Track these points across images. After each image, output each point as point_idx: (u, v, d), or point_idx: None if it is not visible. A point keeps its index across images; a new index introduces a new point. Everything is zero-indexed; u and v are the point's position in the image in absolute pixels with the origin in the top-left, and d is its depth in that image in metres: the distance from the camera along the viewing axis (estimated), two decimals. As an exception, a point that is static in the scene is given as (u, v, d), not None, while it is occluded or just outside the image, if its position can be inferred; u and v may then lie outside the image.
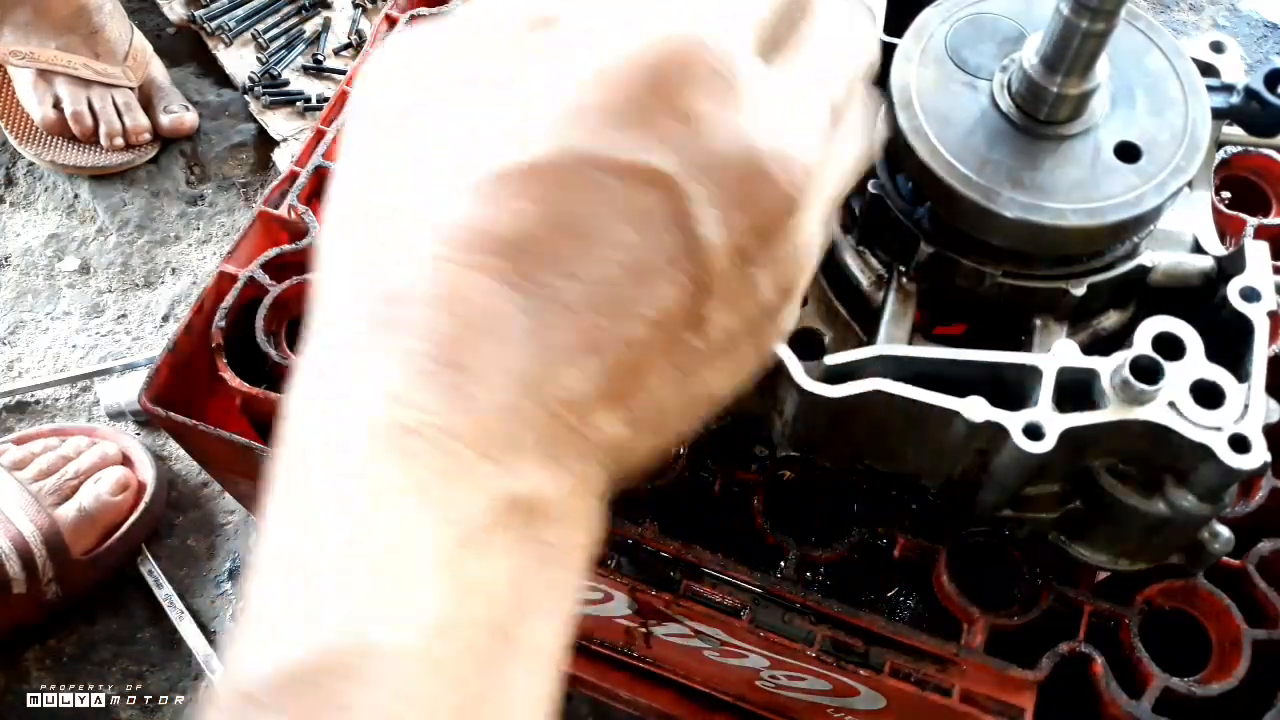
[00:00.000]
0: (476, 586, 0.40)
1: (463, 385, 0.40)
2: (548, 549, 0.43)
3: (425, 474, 0.40)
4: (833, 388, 0.74)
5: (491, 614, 0.41)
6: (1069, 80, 0.70)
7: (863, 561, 0.95)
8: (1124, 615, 0.88)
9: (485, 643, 0.40)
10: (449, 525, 0.40)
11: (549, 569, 0.43)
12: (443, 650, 0.39)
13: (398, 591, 0.39)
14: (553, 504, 0.43)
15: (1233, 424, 0.68)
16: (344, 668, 0.37)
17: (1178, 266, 0.80)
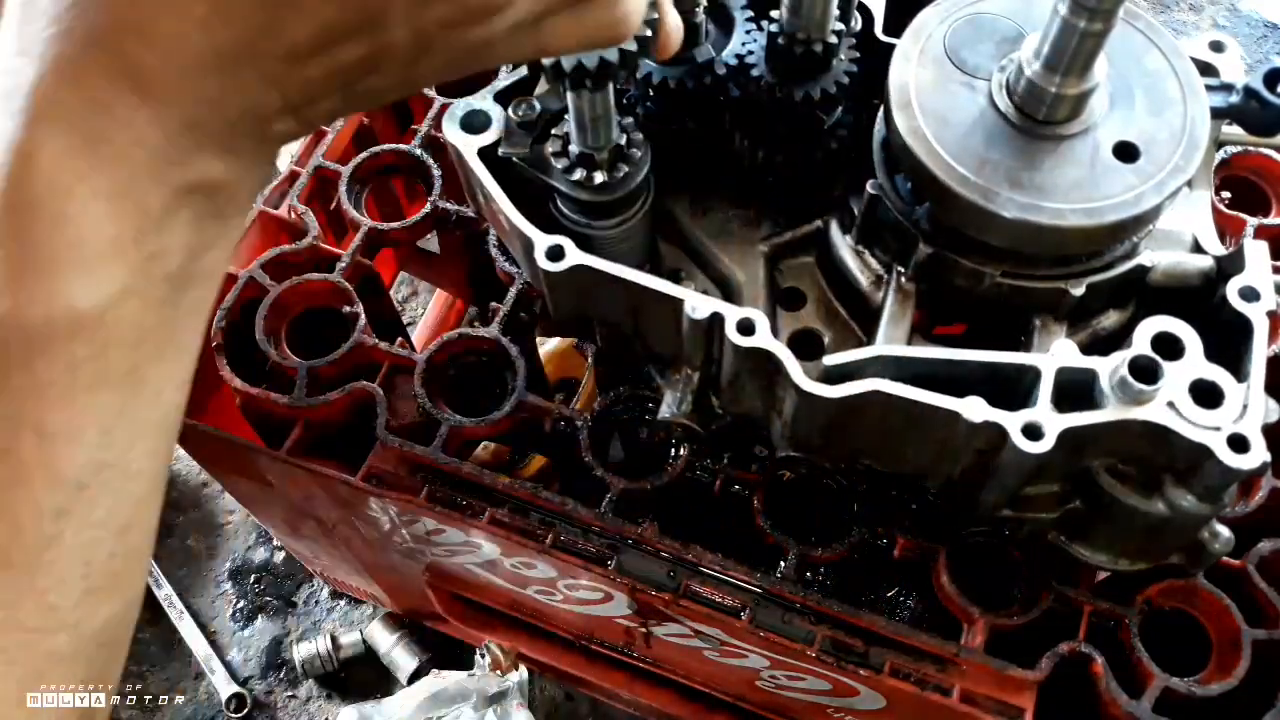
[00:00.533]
0: (156, 256, 0.50)
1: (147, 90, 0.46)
2: (220, 211, 0.53)
3: (114, 174, 0.47)
4: (831, 388, 0.74)
5: (171, 267, 0.51)
6: (1067, 80, 0.70)
7: (863, 561, 0.94)
8: (1124, 615, 0.88)
9: (165, 289, 0.51)
10: (137, 214, 0.48)
11: (220, 223, 0.53)
12: (118, 314, 0.49)
13: (80, 272, 0.48)
14: (226, 182, 0.52)
15: (1232, 424, 0.68)
16: (36, 333, 0.48)
17: (1177, 266, 0.80)
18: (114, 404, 0.52)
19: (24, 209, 0.47)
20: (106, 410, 0.52)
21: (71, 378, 0.50)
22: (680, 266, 0.93)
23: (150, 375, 0.54)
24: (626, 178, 0.80)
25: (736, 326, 0.76)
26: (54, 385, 0.49)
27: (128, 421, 0.53)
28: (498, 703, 1.38)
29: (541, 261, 0.79)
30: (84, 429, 0.51)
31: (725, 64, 0.83)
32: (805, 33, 0.79)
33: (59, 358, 0.49)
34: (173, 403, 0.56)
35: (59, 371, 0.49)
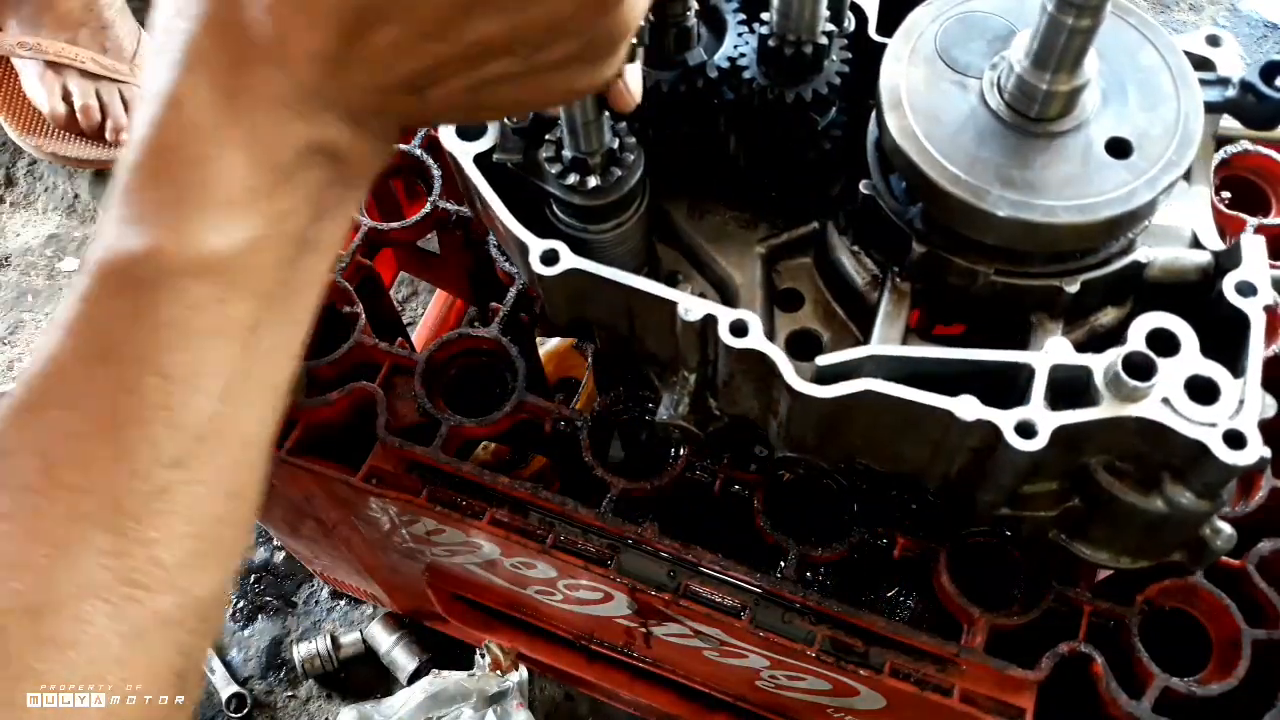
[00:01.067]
0: (284, 213, 0.53)
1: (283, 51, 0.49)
2: (341, 179, 0.55)
3: (250, 125, 0.50)
4: (823, 388, 0.74)
5: (296, 226, 0.54)
6: (1058, 77, 0.70)
7: (863, 561, 0.94)
8: (1124, 615, 0.88)
9: (288, 250, 0.54)
10: (269, 167, 0.51)
11: (341, 191, 0.56)
12: (247, 262, 0.52)
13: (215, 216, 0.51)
14: (348, 150, 0.54)
15: (1228, 420, 0.68)
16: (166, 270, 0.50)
17: (1175, 262, 0.80)
18: (232, 357, 0.53)
19: (168, 152, 0.50)
20: (225, 362, 0.53)
21: (194, 320, 0.51)
22: (678, 269, 0.93)
23: (267, 336, 0.55)
24: (619, 181, 0.80)
25: (729, 328, 0.76)
26: (177, 326, 0.51)
27: (244, 379, 0.54)
28: (498, 703, 1.38)
29: (536, 266, 0.80)
30: (204, 378, 0.52)
31: (717, 67, 0.84)
32: (795, 34, 0.79)
33: (185, 297, 0.51)
34: (285, 373, 0.58)
35: (182, 311, 0.51)
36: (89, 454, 0.51)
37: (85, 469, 0.51)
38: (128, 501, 0.51)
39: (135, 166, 0.51)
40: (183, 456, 0.52)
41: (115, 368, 0.51)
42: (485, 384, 1.04)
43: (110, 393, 0.51)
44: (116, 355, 0.51)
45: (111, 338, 0.51)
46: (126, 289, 0.51)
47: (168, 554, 0.52)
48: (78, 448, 0.51)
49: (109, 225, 0.52)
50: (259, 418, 0.57)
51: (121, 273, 0.51)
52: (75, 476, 0.51)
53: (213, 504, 0.54)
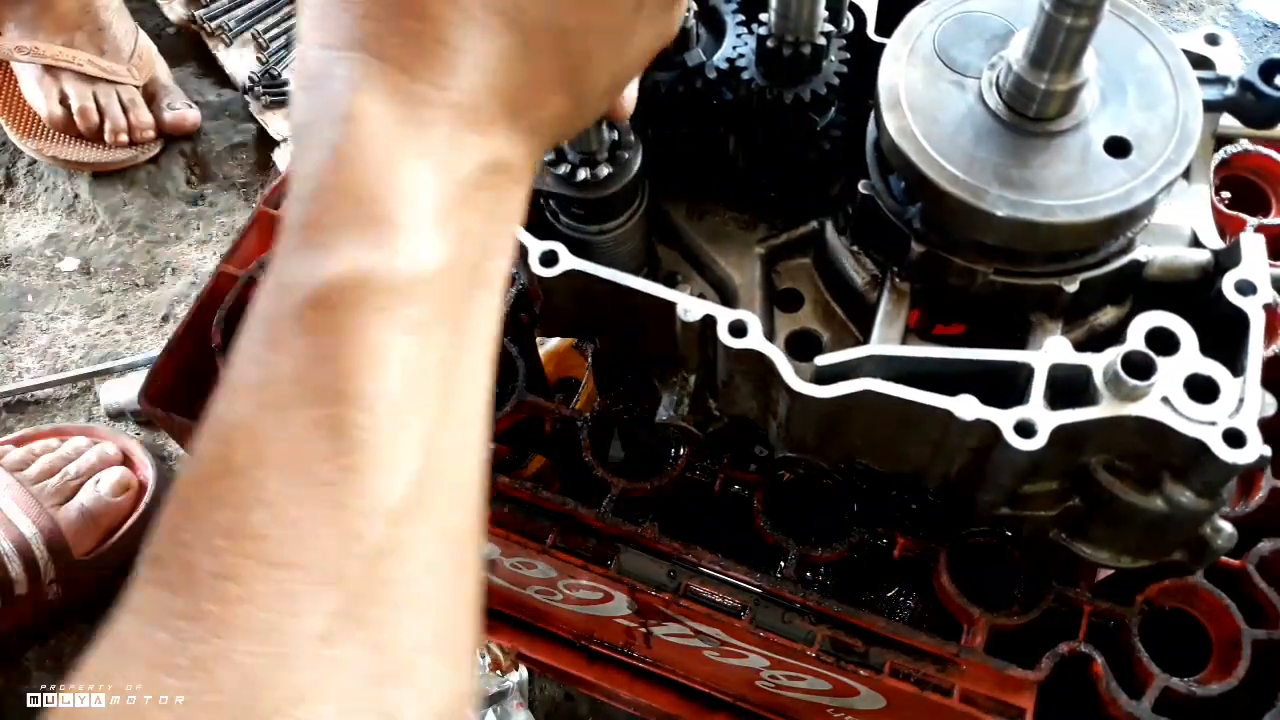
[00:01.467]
0: (467, 234, 0.49)
1: (454, 64, 0.48)
2: (509, 202, 0.52)
3: (435, 143, 0.48)
4: (822, 389, 0.74)
5: (473, 255, 0.50)
6: (1056, 76, 0.70)
7: (863, 561, 0.94)
8: (1124, 615, 0.87)
9: (467, 278, 0.49)
10: (452, 184, 0.48)
11: (507, 218, 0.53)
12: (442, 284, 0.47)
13: (414, 234, 0.47)
14: (514, 166, 0.52)
15: (1227, 418, 0.68)
16: (368, 290, 0.45)
17: (1174, 261, 0.80)
18: (437, 393, 0.48)
19: (352, 173, 0.47)
20: (431, 397, 0.48)
21: (401, 348, 0.46)
22: (677, 270, 0.93)
23: (464, 365, 0.50)
24: (614, 176, 0.80)
25: (728, 328, 0.76)
26: (385, 354, 0.46)
27: (449, 425, 0.48)
28: (498, 703, 1.38)
29: (535, 267, 0.80)
30: (412, 416, 0.46)
31: (716, 68, 0.84)
32: (794, 35, 0.79)
33: (393, 321, 0.46)
34: (482, 410, 0.52)
35: (392, 337, 0.46)
36: (293, 513, 0.44)
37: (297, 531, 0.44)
38: (346, 568, 0.44)
39: (317, 191, 0.47)
40: (399, 510, 0.45)
41: (316, 408, 0.45)
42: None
43: (312, 439, 0.44)
44: (317, 394, 0.45)
45: (310, 375, 0.45)
46: (328, 318, 0.45)
47: (397, 635, 0.45)
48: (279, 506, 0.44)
49: (295, 252, 0.47)
50: (468, 477, 0.51)
51: (322, 300, 0.45)
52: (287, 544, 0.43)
53: (442, 573, 0.48)
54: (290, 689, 0.41)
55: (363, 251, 0.46)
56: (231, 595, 0.42)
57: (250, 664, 0.41)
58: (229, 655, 0.41)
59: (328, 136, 0.47)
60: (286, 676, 0.41)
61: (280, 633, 0.42)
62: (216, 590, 0.42)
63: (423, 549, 0.47)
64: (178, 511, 0.45)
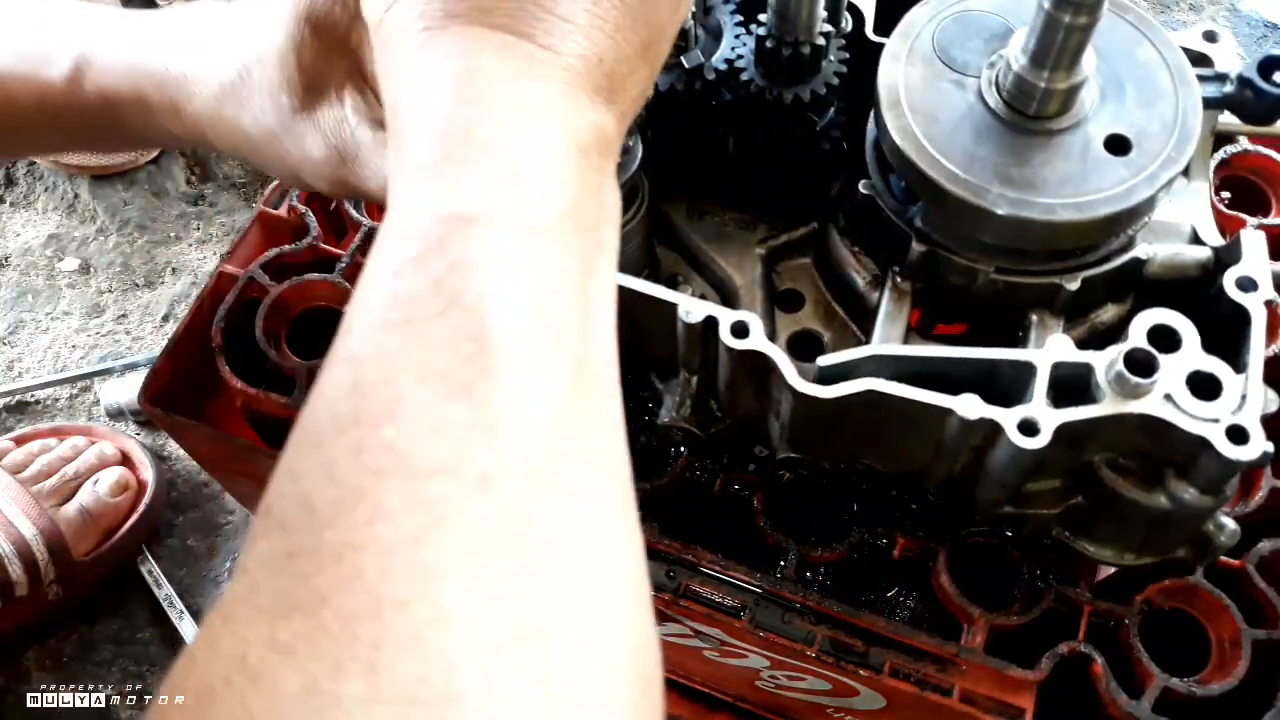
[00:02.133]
0: (587, 188, 0.48)
1: (560, 29, 0.48)
2: (610, 172, 0.51)
3: (553, 101, 0.48)
4: (826, 389, 0.74)
5: (592, 216, 0.48)
6: (1055, 75, 0.70)
7: (863, 561, 0.94)
8: (1124, 615, 0.87)
9: (591, 235, 0.48)
10: (570, 141, 0.47)
11: (612, 188, 0.51)
12: (566, 231, 0.46)
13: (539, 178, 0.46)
14: (614, 139, 0.51)
15: (1230, 415, 0.68)
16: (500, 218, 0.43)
17: (1175, 258, 0.80)
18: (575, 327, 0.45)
19: (476, 119, 0.46)
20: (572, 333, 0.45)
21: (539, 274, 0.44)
22: (678, 271, 0.93)
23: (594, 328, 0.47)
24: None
25: (730, 329, 0.76)
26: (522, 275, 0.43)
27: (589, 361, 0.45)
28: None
29: None
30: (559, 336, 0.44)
31: (715, 69, 0.84)
32: (792, 35, 0.79)
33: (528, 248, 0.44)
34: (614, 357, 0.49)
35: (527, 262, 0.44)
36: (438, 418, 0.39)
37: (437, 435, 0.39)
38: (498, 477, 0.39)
39: (440, 135, 0.46)
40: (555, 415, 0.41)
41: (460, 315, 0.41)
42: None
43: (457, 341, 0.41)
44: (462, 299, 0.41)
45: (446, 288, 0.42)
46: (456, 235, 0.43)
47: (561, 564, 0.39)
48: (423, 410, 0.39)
49: (423, 184, 0.45)
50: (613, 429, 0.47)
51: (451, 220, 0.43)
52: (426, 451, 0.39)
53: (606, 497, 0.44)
54: (433, 609, 0.36)
55: (499, 183, 0.45)
56: (360, 517, 0.37)
57: (382, 587, 0.35)
58: (357, 579, 0.35)
59: (453, 91, 0.46)
60: (429, 594, 0.36)
61: (420, 547, 0.36)
62: (340, 518, 0.37)
63: (590, 460, 0.43)
64: (291, 452, 0.41)
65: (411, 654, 0.35)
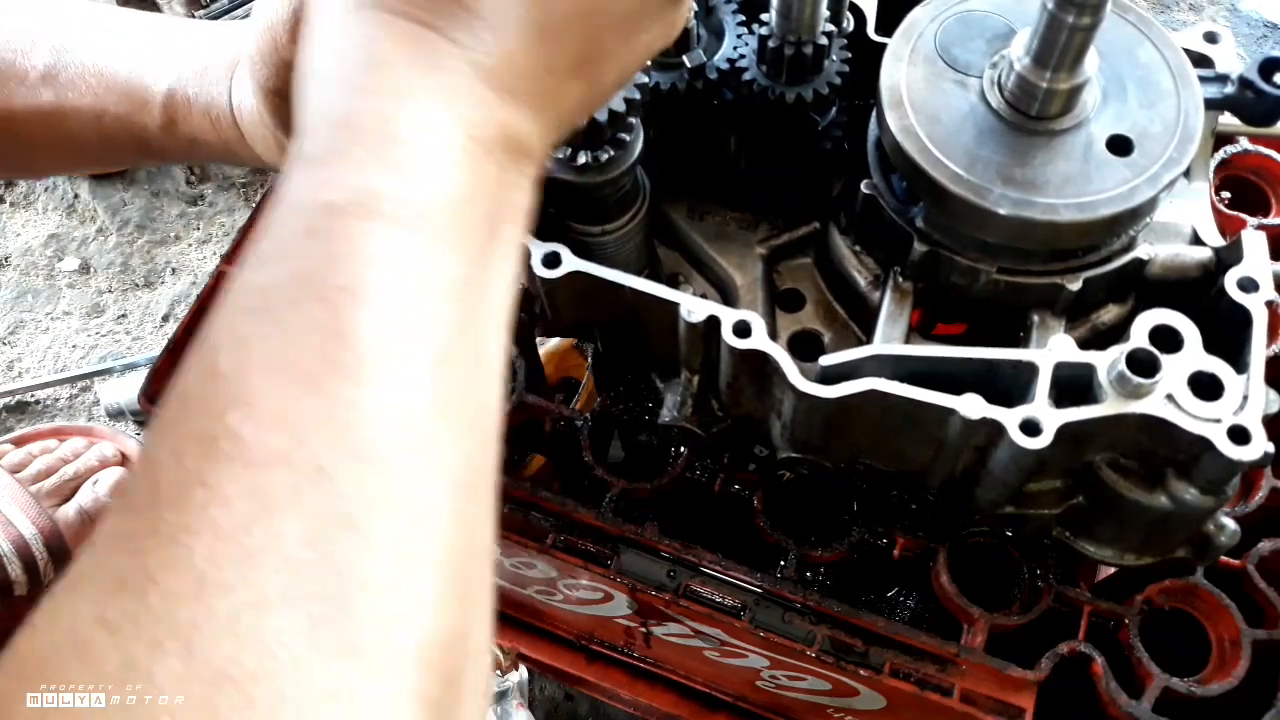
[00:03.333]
0: (483, 183, 0.48)
1: (474, 26, 0.49)
2: (520, 175, 0.52)
3: (450, 95, 0.48)
4: (828, 388, 0.74)
5: (488, 207, 0.49)
6: (1058, 75, 0.70)
7: (863, 561, 0.94)
8: (1124, 615, 0.87)
9: (484, 226, 0.48)
10: (470, 133, 0.48)
11: (520, 188, 0.52)
12: (455, 217, 0.46)
13: (429, 163, 0.46)
14: (527, 144, 0.52)
15: (1232, 415, 0.68)
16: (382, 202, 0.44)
17: (1176, 258, 0.80)
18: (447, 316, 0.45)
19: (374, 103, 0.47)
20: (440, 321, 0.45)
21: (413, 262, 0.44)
22: (679, 271, 0.93)
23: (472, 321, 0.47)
24: (614, 160, 0.80)
25: (733, 329, 0.76)
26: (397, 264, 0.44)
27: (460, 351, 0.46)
28: (498, 703, 1.38)
29: (538, 268, 0.79)
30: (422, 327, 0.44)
31: (717, 68, 0.84)
32: (795, 35, 0.79)
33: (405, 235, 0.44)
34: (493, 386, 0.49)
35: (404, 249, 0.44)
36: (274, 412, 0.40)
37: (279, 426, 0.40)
38: (330, 467, 0.39)
39: (336, 123, 0.46)
40: (402, 412, 0.42)
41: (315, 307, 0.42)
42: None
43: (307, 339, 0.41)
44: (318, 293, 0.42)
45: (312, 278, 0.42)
46: (337, 224, 0.43)
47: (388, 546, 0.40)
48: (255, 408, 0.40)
49: (309, 170, 0.46)
50: (481, 409, 0.47)
51: (333, 207, 0.44)
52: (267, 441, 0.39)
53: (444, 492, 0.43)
54: (253, 595, 0.37)
55: (376, 170, 0.45)
56: (196, 500, 0.38)
57: (208, 570, 0.37)
58: (185, 562, 0.37)
59: (349, 77, 0.47)
60: (251, 581, 0.37)
61: (249, 534, 0.37)
62: (180, 499, 0.38)
63: (431, 457, 0.43)
64: (150, 435, 0.42)
65: (228, 635, 0.36)
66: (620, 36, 0.54)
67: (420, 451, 0.42)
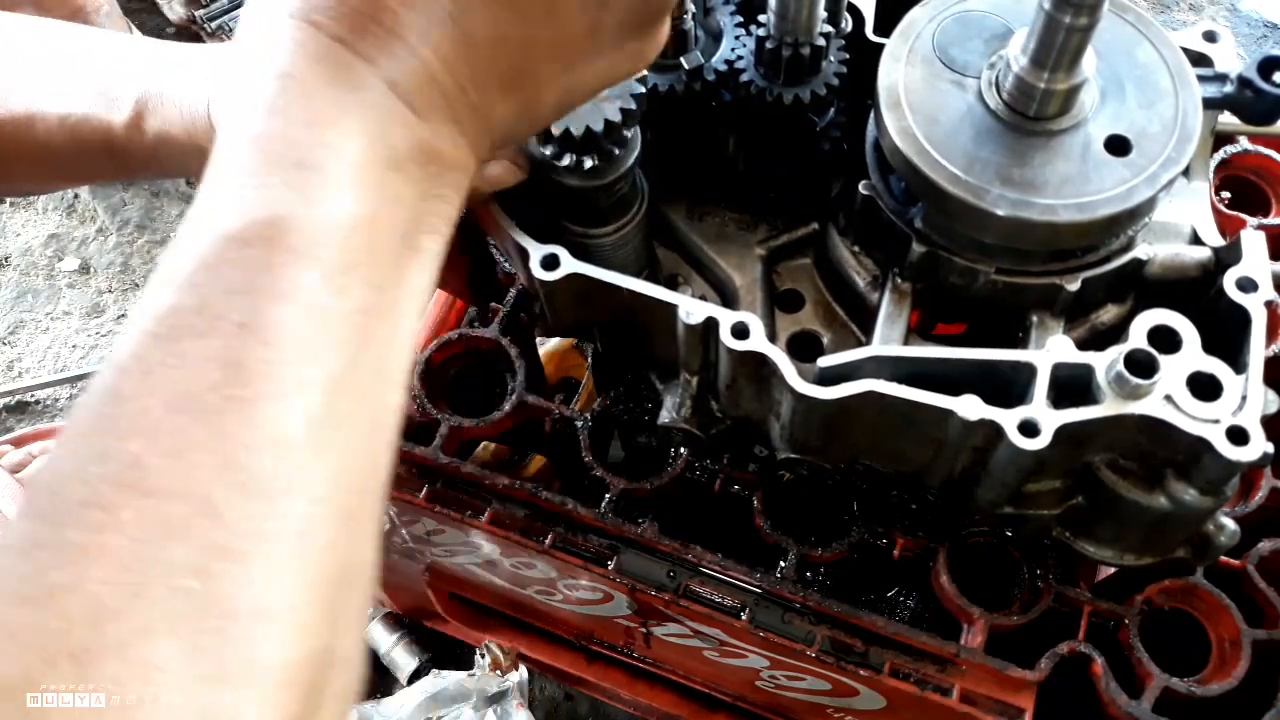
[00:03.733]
0: (395, 200, 0.50)
1: (391, 46, 0.49)
2: (442, 187, 0.53)
3: (364, 111, 0.49)
4: (826, 390, 0.74)
5: (401, 222, 0.51)
6: (1056, 76, 0.70)
7: (863, 561, 0.94)
8: (1123, 615, 0.87)
9: (396, 243, 0.51)
10: (382, 150, 0.50)
11: (440, 202, 0.54)
12: (361, 239, 0.48)
13: (335, 185, 0.48)
14: (450, 157, 0.53)
15: (1230, 416, 0.68)
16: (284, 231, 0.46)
17: (1175, 258, 0.80)
18: (347, 341, 0.47)
19: (285, 122, 0.48)
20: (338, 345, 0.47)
21: (311, 291, 0.46)
22: (678, 272, 0.93)
23: (376, 337, 0.49)
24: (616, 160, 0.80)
25: (731, 330, 0.76)
26: (294, 294, 0.46)
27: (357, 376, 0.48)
28: (498, 703, 1.38)
29: (537, 270, 0.79)
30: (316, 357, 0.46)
31: (715, 69, 0.84)
32: (793, 36, 0.79)
33: (304, 265, 0.46)
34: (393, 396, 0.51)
35: (302, 278, 0.46)
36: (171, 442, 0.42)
37: (175, 458, 0.42)
38: (219, 501, 0.42)
39: (246, 139, 0.48)
40: (289, 446, 0.44)
41: (214, 339, 0.44)
42: (485, 384, 1.04)
43: (205, 368, 0.43)
44: (217, 325, 0.44)
45: (213, 307, 0.44)
46: (237, 253, 0.45)
47: (267, 576, 0.42)
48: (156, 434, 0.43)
49: (217, 192, 0.47)
50: (372, 431, 0.49)
51: (235, 237, 0.45)
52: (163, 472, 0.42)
53: (325, 522, 0.45)
54: (140, 620, 0.39)
55: (282, 195, 0.47)
56: (94, 522, 0.40)
57: (101, 593, 0.39)
58: (82, 584, 0.39)
59: (263, 90, 0.48)
60: (139, 607, 0.39)
61: (141, 562, 0.40)
62: (82, 518, 0.40)
63: (310, 489, 0.45)
64: (60, 446, 0.44)
65: (116, 659, 0.39)
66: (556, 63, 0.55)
67: (303, 484, 0.45)
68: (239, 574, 0.42)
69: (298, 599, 0.43)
